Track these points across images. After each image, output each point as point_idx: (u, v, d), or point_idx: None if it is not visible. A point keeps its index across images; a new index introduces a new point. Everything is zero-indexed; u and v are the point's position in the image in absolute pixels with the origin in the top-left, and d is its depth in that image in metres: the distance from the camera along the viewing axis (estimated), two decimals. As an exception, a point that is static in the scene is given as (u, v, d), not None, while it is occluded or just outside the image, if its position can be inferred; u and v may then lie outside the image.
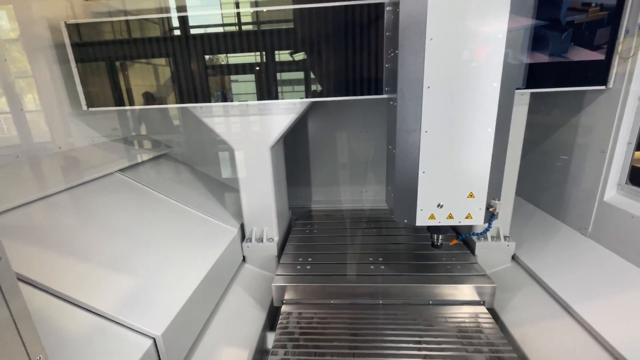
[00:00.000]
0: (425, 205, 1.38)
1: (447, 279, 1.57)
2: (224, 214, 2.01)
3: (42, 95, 1.68)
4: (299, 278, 1.62)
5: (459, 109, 1.26)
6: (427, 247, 1.84)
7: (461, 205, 1.38)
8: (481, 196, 1.36)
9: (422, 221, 1.40)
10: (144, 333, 1.07)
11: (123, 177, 1.79)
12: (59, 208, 1.39)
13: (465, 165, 1.33)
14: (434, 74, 1.23)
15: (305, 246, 1.96)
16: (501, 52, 1.19)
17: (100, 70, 1.71)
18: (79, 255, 1.22)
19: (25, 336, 0.50)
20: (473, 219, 1.39)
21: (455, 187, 1.35)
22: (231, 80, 1.69)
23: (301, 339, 1.36)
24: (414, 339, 1.34)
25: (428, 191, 1.36)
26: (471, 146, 1.30)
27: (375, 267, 1.69)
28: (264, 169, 1.82)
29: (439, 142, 1.30)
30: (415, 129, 1.30)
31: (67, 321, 1.01)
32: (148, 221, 1.60)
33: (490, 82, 1.22)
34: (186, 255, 1.51)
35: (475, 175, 1.33)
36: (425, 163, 1.33)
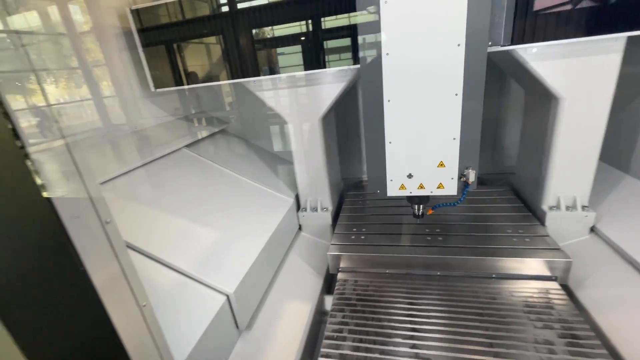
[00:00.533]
0: (395, 176, 1.35)
1: (513, 252, 1.45)
2: (280, 185, 2.10)
3: (116, 81, 1.86)
4: (354, 247, 1.62)
5: (420, 75, 1.17)
6: (490, 218, 1.72)
7: (432, 175, 1.32)
8: (452, 165, 1.28)
9: (392, 192, 1.38)
10: (219, 290, 1.21)
11: (189, 152, 1.95)
12: (139, 182, 1.57)
13: (433, 134, 1.25)
14: (391, 38, 1.14)
15: (358, 217, 1.93)
16: (463, 6, 1.04)
17: (162, 52, 1.83)
18: (161, 222, 1.39)
19: (134, 286, 0.60)
20: (445, 188, 1.33)
21: (424, 156, 1.29)
22: (278, 52, 1.69)
23: (358, 304, 1.39)
24: (475, 311, 1.28)
25: (396, 161, 1.32)
26: (438, 113, 1.21)
27: (432, 239, 1.62)
28: (315, 140, 1.83)
29: (402, 111, 1.23)
30: (378, 98, 1.24)
31: (158, 278, 1.17)
32: (214, 192, 1.74)
33: (453, 42, 1.09)
34: (249, 223, 1.63)
35: (444, 143, 1.25)
36: (391, 133, 1.28)
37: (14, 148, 0.47)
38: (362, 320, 1.31)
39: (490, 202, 1.90)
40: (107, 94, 1.85)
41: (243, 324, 1.30)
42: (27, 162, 0.48)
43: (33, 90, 0.53)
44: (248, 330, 1.34)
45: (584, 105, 1.44)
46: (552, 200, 1.65)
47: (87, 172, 0.56)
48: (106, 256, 0.56)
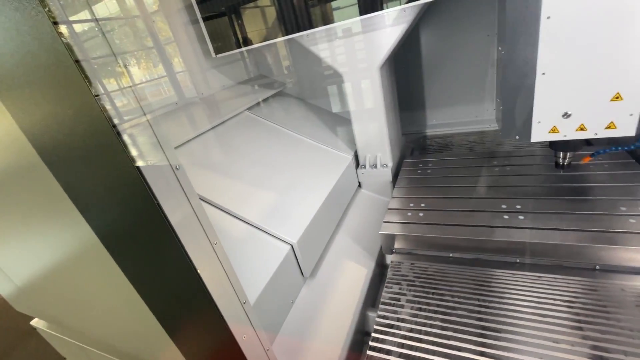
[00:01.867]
0: (545, 116, 1.09)
1: (626, 238, 1.07)
2: (338, 143, 2.09)
3: (184, 55, 1.98)
4: (411, 226, 1.37)
5: None
6: (595, 191, 1.31)
7: (600, 111, 1.03)
8: (634, 96, 0.98)
9: (539, 136, 1.13)
10: (284, 240, 1.30)
11: (251, 114, 2.04)
12: (207, 144, 1.72)
13: (607, 59, 0.95)
14: None
15: (416, 189, 1.65)
16: None
17: (221, 21, 1.88)
18: (229, 180, 1.51)
19: (205, 226, 0.68)
20: (618, 128, 1.03)
21: (592, 87, 1.01)
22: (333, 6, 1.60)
23: (414, 296, 1.17)
24: (567, 315, 0.96)
25: (549, 97, 1.06)
26: (616, 33, 0.91)
27: (510, 217, 1.27)
28: (374, 92, 1.75)
29: (568, 31, 0.94)
30: (534, 15, 0.95)
31: (229, 227, 1.30)
32: (276, 151, 1.82)
33: None
34: (309, 180, 1.68)
35: (625, 69, 0.95)
36: (546, 59, 1.01)
37: (109, 127, 0.55)
38: (421, 319, 1.07)
39: (598, 169, 1.46)
40: (178, 68, 2.00)
41: (307, 271, 1.39)
42: (121, 138, 0.57)
43: (120, 72, 0.60)
44: (312, 278, 1.44)
45: None
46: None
47: (166, 142, 0.64)
48: (179, 199, 0.64)
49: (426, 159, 1.94)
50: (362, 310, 1.34)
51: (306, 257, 1.37)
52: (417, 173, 1.82)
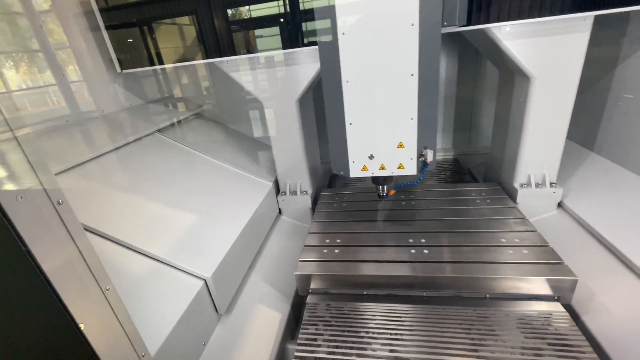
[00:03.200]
0: (357, 157, 1.36)
1: (510, 267, 1.25)
2: (258, 169, 2.07)
3: (82, 63, 1.74)
4: (327, 265, 1.37)
5: (377, 55, 1.16)
6: (481, 224, 1.51)
7: (392, 155, 1.33)
8: (411, 145, 1.29)
9: (355, 173, 1.38)
10: (196, 275, 1.19)
11: (162, 136, 1.88)
12: (109, 167, 1.51)
13: (391, 115, 1.25)
14: (346, 19, 1.13)
15: (332, 224, 1.66)
16: None
17: (129, 32, 1.72)
18: (133, 209, 1.34)
19: (94, 270, 0.57)
20: (405, 168, 1.34)
21: (383, 137, 1.30)
22: (255, 32, 1.64)
23: (334, 332, 1.19)
24: (466, 340, 1.09)
25: (357, 143, 1.32)
26: (395, 94, 1.21)
27: (417, 252, 1.38)
28: (293, 122, 1.81)
29: (361, 92, 1.23)
30: (337, 79, 1.23)
31: (129, 265, 1.14)
32: (190, 177, 1.69)
33: (407, 23, 1.09)
34: (227, 208, 1.60)
35: (402, 124, 1.26)
36: (351, 114, 1.28)
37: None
38: (338, 356, 1.09)
39: (481, 203, 1.69)
40: (74, 78, 1.74)
41: (222, 307, 1.29)
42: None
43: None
44: (228, 315, 1.34)
45: (553, 84, 1.48)
46: (523, 177, 1.71)
47: (42, 166, 0.52)
48: (59, 239, 0.53)
49: (342, 192, 1.99)
50: (282, 344, 1.30)
51: (221, 292, 1.28)
52: (334, 207, 1.84)
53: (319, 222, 1.69)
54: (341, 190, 2.03)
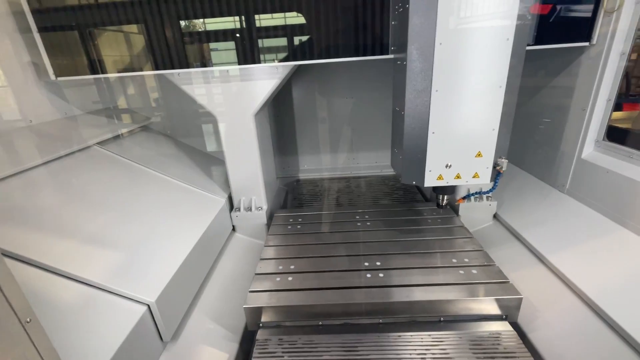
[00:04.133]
0: (434, 166, 1.37)
1: (461, 288, 1.29)
2: (210, 184, 1.99)
3: (5, 66, 1.56)
4: (279, 296, 1.30)
5: (471, 66, 1.21)
6: (432, 244, 1.57)
7: (469, 164, 1.37)
8: (489, 155, 1.35)
9: (430, 182, 1.40)
10: (137, 300, 1.09)
11: (102, 150, 1.73)
12: (36, 183, 1.35)
13: (474, 125, 1.30)
14: (446, 30, 1.16)
15: (286, 248, 1.62)
16: (515, 4, 1.13)
17: (67, 37, 1.59)
18: (64, 229, 1.20)
19: (12, 299, 0.50)
20: (480, 177, 1.38)
21: (464, 146, 1.34)
22: (210, 45, 1.61)
23: None
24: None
25: (437, 152, 1.34)
26: (482, 105, 1.27)
27: (372, 276, 1.37)
28: (249, 137, 1.78)
29: (449, 102, 1.26)
30: (426, 88, 1.25)
31: (58, 293, 1.01)
32: (134, 194, 1.57)
33: (503, 38, 1.17)
34: (175, 226, 1.51)
35: (484, 134, 1.31)
36: (435, 123, 1.29)
37: None
38: None
39: (432, 223, 1.77)
40: (-5, 81, 1.55)
41: (168, 335, 1.19)
42: None
43: None
44: (174, 342, 1.24)
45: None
46: (463, 192, 1.86)
47: None
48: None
49: (296, 212, 1.95)
50: (234, 369, 1.23)
51: (167, 318, 1.18)
52: (288, 229, 1.79)
53: (272, 247, 1.63)
54: (295, 211, 2.00)
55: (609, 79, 1.51)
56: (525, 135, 2.09)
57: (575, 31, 1.48)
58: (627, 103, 2.12)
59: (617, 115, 1.63)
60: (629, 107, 2.13)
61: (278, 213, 1.96)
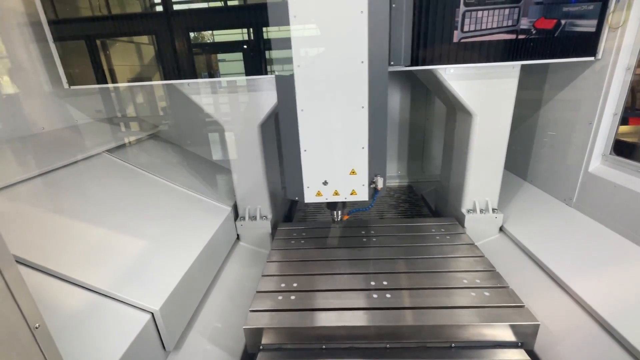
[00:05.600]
0: (312, 183, 1.40)
1: (474, 312, 1.20)
2: (216, 193, 2.00)
3: (21, 75, 1.61)
4: (280, 317, 1.23)
5: (330, 88, 1.25)
6: (442, 264, 1.49)
7: (345, 182, 1.39)
8: (363, 173, 1.37)
9: (310, 198, 1.42)
10: (142, 308, 1.09)
11: (112, 157, 1.76)
12: (45, 190, 1.37)
13: (344, 143, 1.33)
14: (302, 53, 1.21)
15: (289, 265, 1.55)
16: (363, 28, 1.15)
17: (81, 47, 1.64)
18: (72, 236, 1.21)
19: (22, 304, 0.50)
20: (358, 195, 1.40)
21: (337, 164, 1.36)
22: (218, 57, 1.65)
23: None
24: None
25: (312, 169, 1.37)
26: (347, 124, 1.30)
27: (379, 296, 1.30)
28: (254, 147, 1.80)
29: (315, 121, 1.30)
30: (292, 107, 1.29)
31: (64, 299, 1.01)
32: (141, 201, 1.59)
33: (357, 59, 1.20)
34: (181, 233, 1.51)
35: (354, 152, 1.34)
36: (306, 141, 1.33)
37: None
38: None
39: (440, 239, 1.69)
40: (11, 91, 1.59)
41: (171, 344, 1.19)
42: None
43: None
44: (177, 352, 1.23)
45: (491, 121, 1.66)
46: (469, 204, 1.85)
47: None
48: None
49: (299, 226, 1.90)
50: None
51: (171, 327, 1.18)
52: (291, 244, 1.73)
53: (275, 262, 1.56)
54: (299, 224, 1.97)
55: (614, 93, 1.51)
56: (531, 149, 2.09)
57: (580, 46, 1.50)
58: (633, 117, 2.12)
59: (624, 130, 1.63)
60: (635, 122, 2.12)
61: (281, 227, 1.91)
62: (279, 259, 1.60)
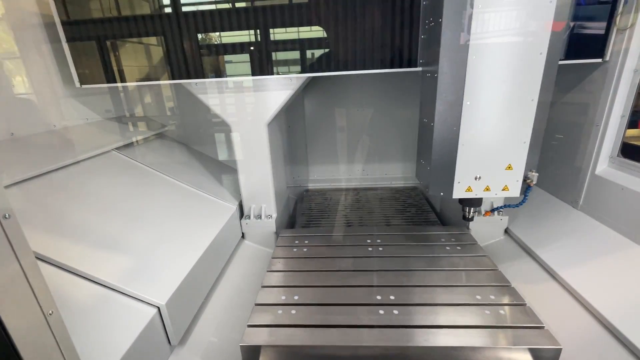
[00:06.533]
0: (463, 178, 1.36)
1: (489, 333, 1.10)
2: (222, 191, 2.02)
3: (34, 74, 1.65)
4: (280, 333, 1.14)
5: (503, 80, 1.21)
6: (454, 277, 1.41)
7: (499, 177, 1.35)
8: (519, 168, 1.33)
9: (458, 194, 1.38)
10: (148, 302, 1.11)
11: (120, 155, 1.79)
12: (55, 186, 1.40)
13: (506, 137, 1.29)
14: (479, 44, 1.17)
15: (290, 275, 1.47)
16: (550, 18, 1.13)
17: (92, 47, 1.68)
18: (82, 230, 1.24)
19: (37, 291, 0.52)
20: (510, 190, 1.36)
21: (494, 159, 1.33)
22: (225, 57, 1.67)
23: None
24: None
25: (466, 163, 1.33)
26: (513, 117, 1.26)
27: (385, 312, 1.20)
28: (261, 146, 1.82)
29: (480, 114, 1.26)
30: (457, 100, 1.25)
31: (74, 292, 1.03)
32: (148, 198, 1.61)
33: (536, 52, 1.17)
34: (186, 231, 1.53)
35: (515, 147, 1.30)
36: (466, 135, 1.28)
37: None
38: None
39: (451, 250, 1.60)
40: (24, 90, 1.63)
41: (176, 338, 1.20)
42: None
43: None
44: (182, 346, 1.25)
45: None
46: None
47: None
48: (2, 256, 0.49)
49: (302, 233, 1.81)
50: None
51: (176, 321, 1.19)
52: (293, 252, 1.64)
53: (275, 272, 1.48)
54: (302, 231, 1.88)
55: (622, 96, 1.50)
56: (538, 151, 2.08)
57: (588, 48, 1.49)
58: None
59: (632, 133, 1.62)
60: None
61: (283, 233, 1.83)
62: (279, 268, 1.52)
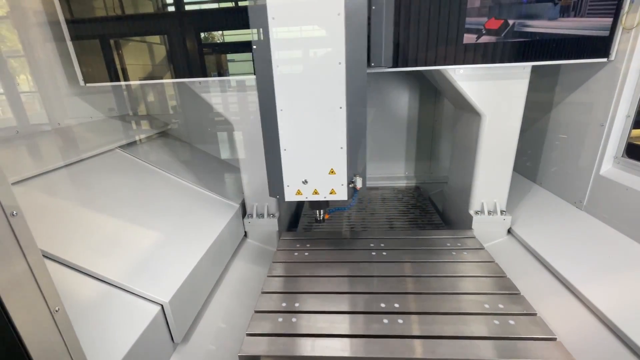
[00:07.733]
0: (292, 182, 1.41)
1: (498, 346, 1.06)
2: (225, 190, 2.03)
3: (38, 73, 1.66)
4: (280, 343, 1.10)
5: (308, 87, 1.26)
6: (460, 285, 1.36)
7: (324, 181, 1.40)
8: (342, 172, 1.38)
9: (290, 197, 1.43)
10: (152, 300, 1.12)
11: (124, 153, 1.80)
12: (59, 184, 1.41)
13: (323, 143, 1.33)
14: (280, 52, 1.22)
15: (290, 281, 1.43)
16: (341, 30, 1.16)
17: (97, 46, 1.68)
18: (86, 228, 1.25)
19: (44, 288, 0.53)
20: (337, 194, 1.41)
21: (316, 163, 1.37)
22: (228, 57, 1.67)
23: None
24: None
25: (292, 168, 1.38)
26: (326, 124, 1.31)
27: (390, 321, 1.16)
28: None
29: (294, 120, 1.31)
30: (272, 107, 1.30)
31: (77, 289, 1.04)
32: (152, 196, 1.62)
33: (335, 62, 1.21)
34: (190, 229, 1.54)
35: (333, 152, 1.34)
36: (285, 141, 1.34)
37: None
38: None
39: (457, 256, 1.56)
40: (29, 88, 1.64)
41: (179, 336, 1.21)
42: None
43: None
44: (184, 344, 1.26)
45: (500, 122, 1.66)
46: (477, 205, 1.85)
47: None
48: (10, 255, 0.49)
49: (304, 237, 1.78)
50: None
51: (179, 319, 1.20)
52: (294, 256, 1.60)
53: (276, 277, 1.45)
54: (303, 235, 1.85)
55: (627, 95, 1.49)
56: (541, 151, 2.07)
57: (593, 47, 1.48)
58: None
59: (638, 133, 1.61)
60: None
61: (284, 237, 1.79)
62: (280, 273, 1.49)
